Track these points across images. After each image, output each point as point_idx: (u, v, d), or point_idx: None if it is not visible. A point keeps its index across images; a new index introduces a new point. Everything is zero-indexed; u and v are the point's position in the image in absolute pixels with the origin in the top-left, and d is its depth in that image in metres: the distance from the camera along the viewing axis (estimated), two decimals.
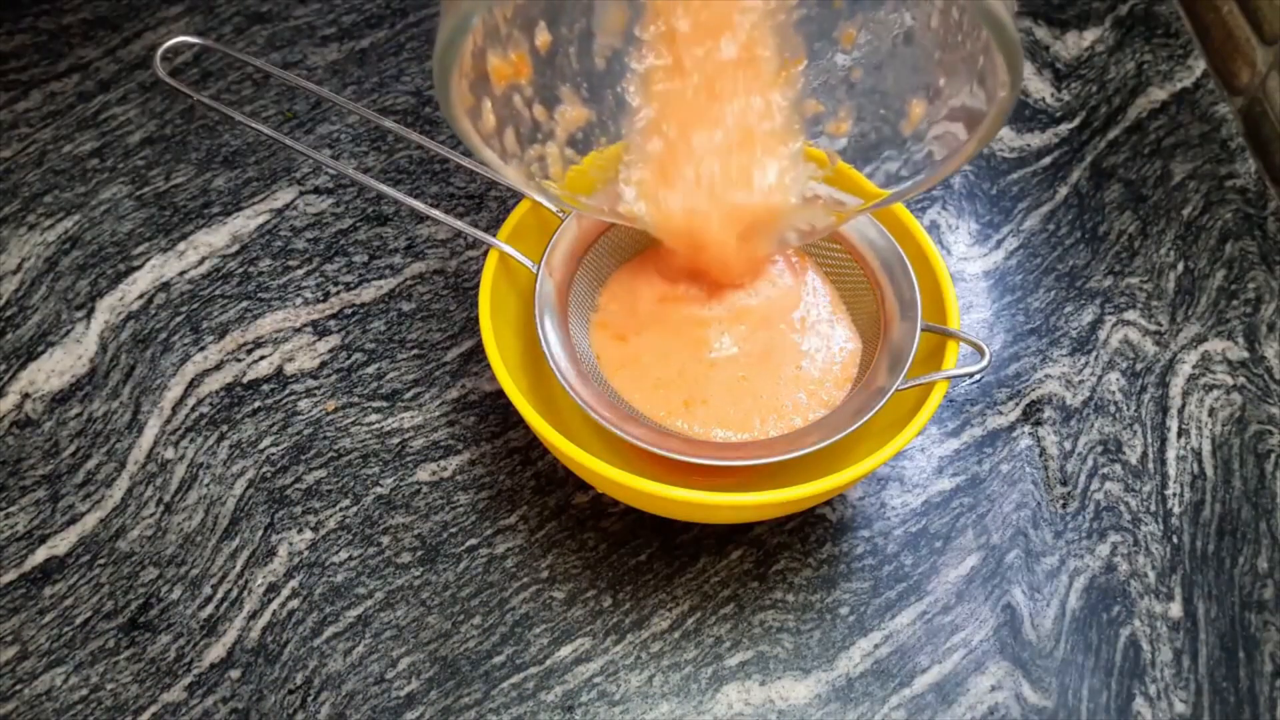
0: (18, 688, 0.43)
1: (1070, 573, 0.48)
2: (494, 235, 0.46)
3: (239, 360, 0.52)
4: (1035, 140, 0.63)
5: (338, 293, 0.54)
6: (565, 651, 0.45)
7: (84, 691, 0.43)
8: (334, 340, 0.53)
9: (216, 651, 0.44)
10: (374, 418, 0.50)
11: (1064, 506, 0.50)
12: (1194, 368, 0.54)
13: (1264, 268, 0.58)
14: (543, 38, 0.39)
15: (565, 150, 0.43)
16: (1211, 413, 0.53)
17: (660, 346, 0.46)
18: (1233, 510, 0.50)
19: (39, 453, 0.49)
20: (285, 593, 0.46)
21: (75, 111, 0.60)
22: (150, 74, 0.62)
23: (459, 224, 0.45)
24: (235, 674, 0.44)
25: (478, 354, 0.53)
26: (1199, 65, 0.66)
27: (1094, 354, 0.54)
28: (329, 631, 0.45)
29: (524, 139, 0.41)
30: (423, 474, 0.49)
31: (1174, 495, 0.50)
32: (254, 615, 0.45)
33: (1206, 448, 0.52)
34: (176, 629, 0.45)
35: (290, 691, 0.44)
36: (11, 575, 0.46)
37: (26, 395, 0.50)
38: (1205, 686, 0.45)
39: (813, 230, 0.44)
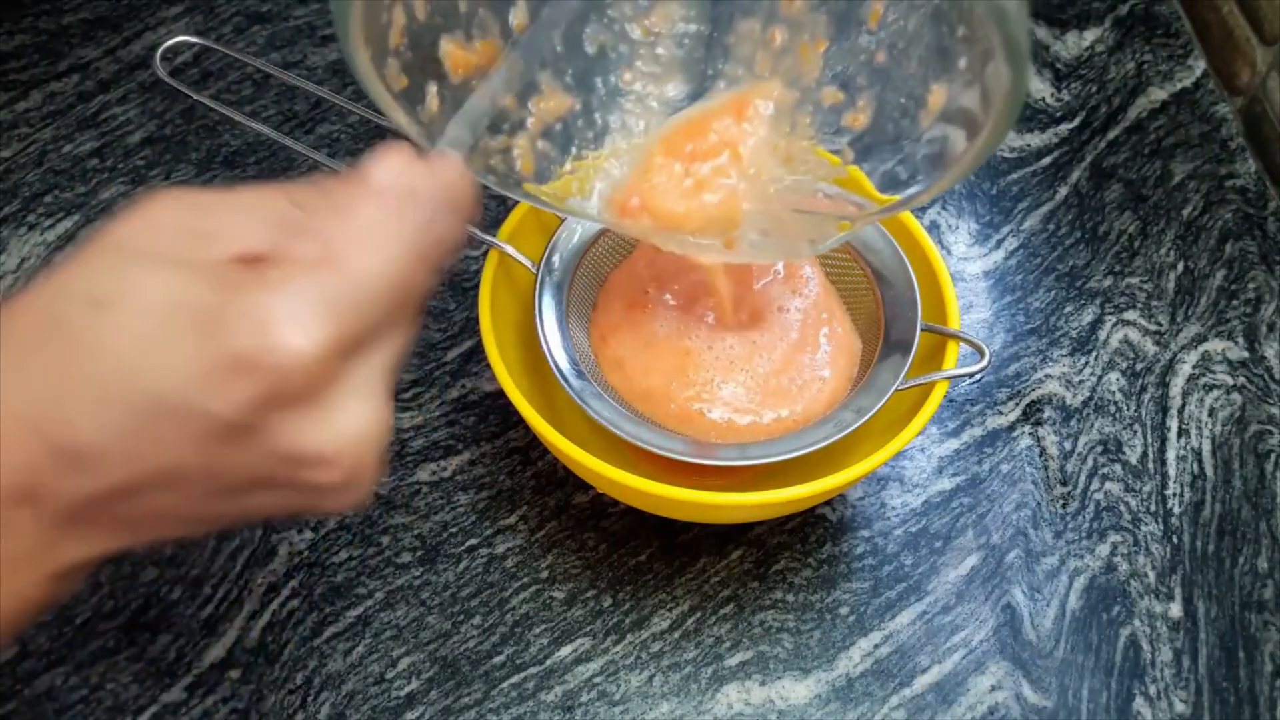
0: (18, 688, 0.43)
1: (1070, 573, 0.48)
2: (494, 235, 0.46)
3: None
4: (1035, 140, 0.63)
5: None
6: (565, 651, 0.45)
7: (84, 691, 0.43)
8: None
9: (216, 651, 0.44)
10: None
11: (1064, 506, 0.50)
12: (1194, 368, 0.54)
13: (1264, 268, 0.58)
14: (519, 19, 0.35)
15: (538, 143, 0.39)
16: (1211, 413, 0.53)
17: (660, 345, 0.46)
18: (1233, 510, 0.50)
19: None
20: (285, 593, 0.46)
21: (75, 111, 0.60)
22: (150, 74, 0.61)
23: None
24: (235, 674, 0.44)
25: (478, 354, 0.53)
26: (1199, 65, 0.66)
27: (1094, 354, 0.54)
28: (329, 631, 0.45)
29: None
30: (423, 474, 0.49)
31: (1174, 495, 0.50)
32: (254, 615, 0.45)
33: (1206, 448, 0.52)
34: (176, 629, 0.45)
35: (290, 691, 0.44)
36: None
37: None
38: (1205, 686, 0.45)
39: (823, 237, 0.41)
